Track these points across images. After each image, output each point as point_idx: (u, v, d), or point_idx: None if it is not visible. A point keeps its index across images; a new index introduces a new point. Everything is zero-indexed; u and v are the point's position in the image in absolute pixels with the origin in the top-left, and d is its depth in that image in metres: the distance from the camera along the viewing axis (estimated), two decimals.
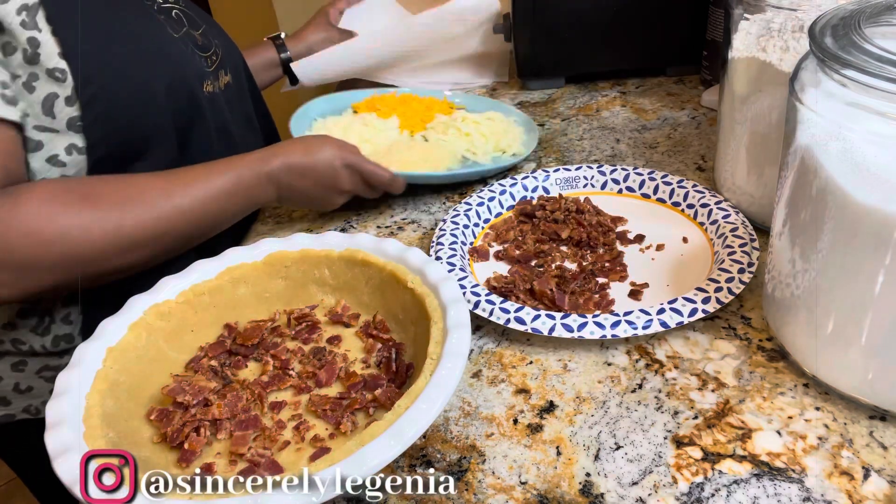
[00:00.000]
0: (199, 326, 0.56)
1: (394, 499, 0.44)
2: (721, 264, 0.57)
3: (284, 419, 0.49)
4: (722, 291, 0.54)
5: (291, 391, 0.51)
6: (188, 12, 0.77)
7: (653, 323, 0.52)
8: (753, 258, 0.57)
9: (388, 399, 0.48)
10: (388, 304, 0.56)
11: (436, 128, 0.86)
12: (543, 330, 0.53)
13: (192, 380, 0.51)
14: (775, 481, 0.42)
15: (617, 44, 0.98)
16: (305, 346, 0.55)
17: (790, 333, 0.49)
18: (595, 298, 0.58)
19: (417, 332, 0.52)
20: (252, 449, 0.46)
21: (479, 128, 0.85)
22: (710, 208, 0.65)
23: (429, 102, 0.95)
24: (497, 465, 0.45)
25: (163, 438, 0.47)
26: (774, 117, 0.58)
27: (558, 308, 0.57)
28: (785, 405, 0.47)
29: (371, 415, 0.49)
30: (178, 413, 0.48)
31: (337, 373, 0.52)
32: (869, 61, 0.38)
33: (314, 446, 0.46)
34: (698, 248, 0.63)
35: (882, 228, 0.39)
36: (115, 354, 0.49)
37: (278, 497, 0.38)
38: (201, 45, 0.75)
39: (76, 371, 0.47)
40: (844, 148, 0.40)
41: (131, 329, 0.51)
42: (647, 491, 0.42)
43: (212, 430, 0.48)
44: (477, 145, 0.82)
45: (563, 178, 0.74)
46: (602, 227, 0.66)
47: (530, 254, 0.65)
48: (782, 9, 0.56)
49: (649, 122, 0.89)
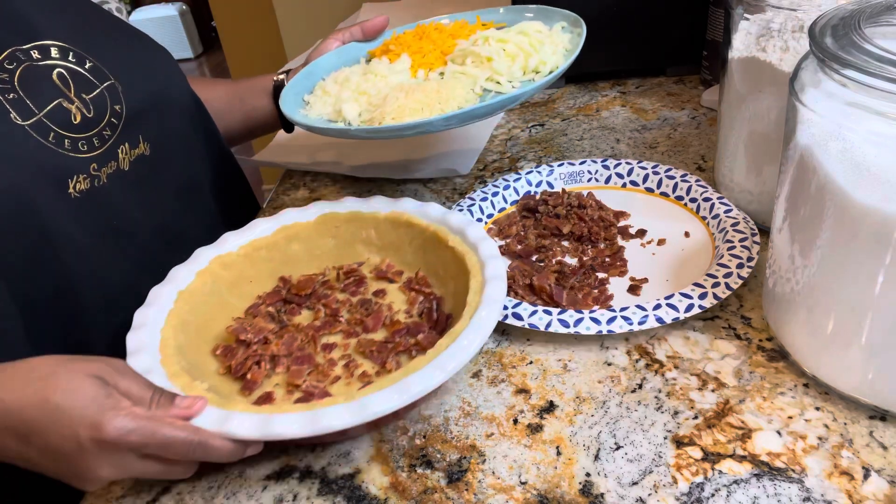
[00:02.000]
0: (256, 278, 0.61)
1: (394, 498, 0.44)
2: (720, 259, 0.57)
3: (335, 358, 0.54)
4: (719, 287, 0.54)
5: (341, 335, 0.57)
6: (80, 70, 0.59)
7: (648, 318, 0.52)
8: (753, 252, 0.57)
9: (429, 343, 0.52)
10: (429, 261, 0.61)
11: (455, 58, 0.70)
12: (540, 326, 0.53)
13: (253, 321, 0.57)
14: (775, 481, 0.42)
15: (617, 44, 0.98)
16: (353, 298, 0.60)
17: (790, 333, 0.49)
18: (594, 294, 0.58)
19: (457, 286, 0.56)
20: (307, 382, 0.51)
21: (503, 47, 0.67)
22: (712, 202, 0.65)
23: (454, 29, 0.76)
24: (497, 465, 0.45)
25: (227, 371, 0.53)
26: (774, 117, 0.58)
27: (556, 304, 0.57)
28: (785, 405, 0.47)
29: (413, 356, 0.52)
30: (241, 349, 0.54)
31: (382, 320, 0.57)
32: (869, 61, 0.38)
33: (362, 381, 0.51)
34: (700, 242, 0.63)
35: (882, 228, 0.39)
36: (185, 297, 0.55)
37: (332, 411, 0.42)
38: (81, 121, 0.57)
39: (152, 309, 0.53)
40: (844, 148, 0.40)
41: (198, 276, 0.57)
42: (647, 491, 0.42)
43: (270, 365, 0.53)
44: (501, 70, 0.66)
45: (567, 173, 0.74)
46: (604, 221, 0.66)
47: (531, 249, 0.65)
48: (782, 9, 0.56)
49: (649, 122, 0.89)
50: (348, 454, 0.48)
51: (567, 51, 0.68)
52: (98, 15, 0.66)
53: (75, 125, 0.57)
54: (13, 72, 0.55)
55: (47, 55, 0.57)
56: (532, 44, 0.68)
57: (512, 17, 0.77)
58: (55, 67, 0.57)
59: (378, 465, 0.47)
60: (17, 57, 0.55)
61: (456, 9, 1.42)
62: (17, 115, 0.53)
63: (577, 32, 0.70)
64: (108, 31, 0.65)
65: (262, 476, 0.47)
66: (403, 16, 1.38)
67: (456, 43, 0.72)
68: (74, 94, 0.58)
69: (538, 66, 0.66)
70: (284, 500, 0.45)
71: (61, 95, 0.57)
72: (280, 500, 0.45)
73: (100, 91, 0.60)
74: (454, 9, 1.42)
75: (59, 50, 0.58)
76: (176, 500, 0.46)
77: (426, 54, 0.72)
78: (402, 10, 1.43)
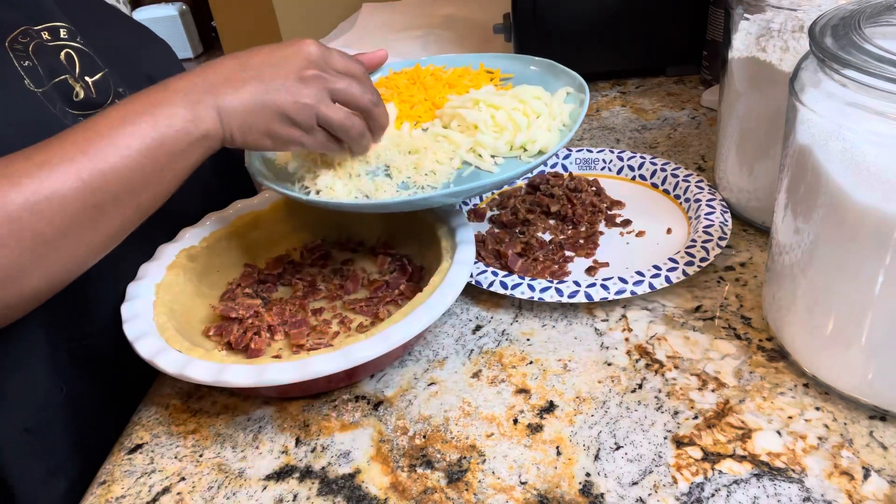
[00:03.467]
0: (223, 267, 0.63)
1: (394, 498, 0.44)
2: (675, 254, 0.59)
3: (328, 318, 0.57)
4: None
5: (325, 300, 0.60)
6: (88, 52, 0.60)
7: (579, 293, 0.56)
8: (711, 255, 0.58)
9: (412, 292, 0.56)
10: (390, 225, 0.64)
11: (444, 115, 0.62)
12: (484, 284, 0.58)
13: (239, 301, 0.59)
14: (775, 481, 0.42)
15: (617, 44, 0.98)
16: (324, 270, 0.64)
17: (790, 333, 0.49)
18: (553, 268, 0.62)
19: (422, 242, 0.60)
20: (309, 341, 0.54)
21: (493, 113, 0.60)
22: (700, 204, 0.66)
23: (451, 77, 0.68)
24: (497, 465, 0.45)
25: (226, 347, 0.55)
26: (774, 117, 0.58)
27: (510, 269, 0.61)
28: (785, 405, 0.47)
29: (400, 305, 0.56)
30: (235, 325, 0.55)
31: (360, 281, 0.61)
32: (869, 61, 0.38)
33: (361, 332, 0.54)
34: (676, 240, 0.64)
35: (882, 228, 0.39)
36: (164, 288, 0.56)
37: (362, 345, 0.46)
38: (83, 99, 0.58)
39: (137, 301, 0.54)
40: (844, 148, 0.40)
41: (169, 269, 0.58)
42: (647, 491, 0.42)
43: (269, 334, 0.55)
44: (485, 143, 0.59)
45: (582, 159, 0.77)
46: (594, 207, 0.69)
47: (517, 221, 0.68)
48: (782, 9, 0.56)
49: (649, 122, 0.89)
50: (348, 454, 0.48)
51: (564, 126, 0.60)
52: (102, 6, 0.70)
53: (76, 102, 0.58)
54: (27, 45, 0.56)
55: (57, 36, 0.59)
56: (527, 113, 0.60)
57: (519, 67, 0.70)
58: (63, 48, 0.58)
59: (378, 465, 0.47)
60: (30, 33, 0.57)
61: (456, 9, 1.42)
62: (30, 81, 0.54)
63: (579, 100, 0.62)
64: (111, 21, 0.68)
65: (262, 476, 0.47)
66: (403, 16, 1.38)
67: (447, 98, 0.64)
68: (79, 75, 0.59)
69: (526, 144, 0.58)
70: (284, 500, 0.45)
71: (68, 73, 0.58)
72: (280, 500, 0.45)
73: (103, 74, 0.61)
74: (454, 10, 1.42)
75: (68, 31, 0.60)
76: (176, 500, 0.46)
77: (415, 105, 0.64)
78: (402, 10, 1.43)
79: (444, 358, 0.55)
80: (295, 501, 0.45)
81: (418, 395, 0.52)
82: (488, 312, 0.59)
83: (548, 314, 0.58)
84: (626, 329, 0.55)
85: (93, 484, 0.48)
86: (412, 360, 0.55)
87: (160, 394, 0.55)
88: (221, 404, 0.53)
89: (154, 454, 0.50)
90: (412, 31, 1.29)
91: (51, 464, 0.54)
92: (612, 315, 0.57)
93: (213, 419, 0.52)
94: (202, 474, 0.48)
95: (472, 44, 1.20)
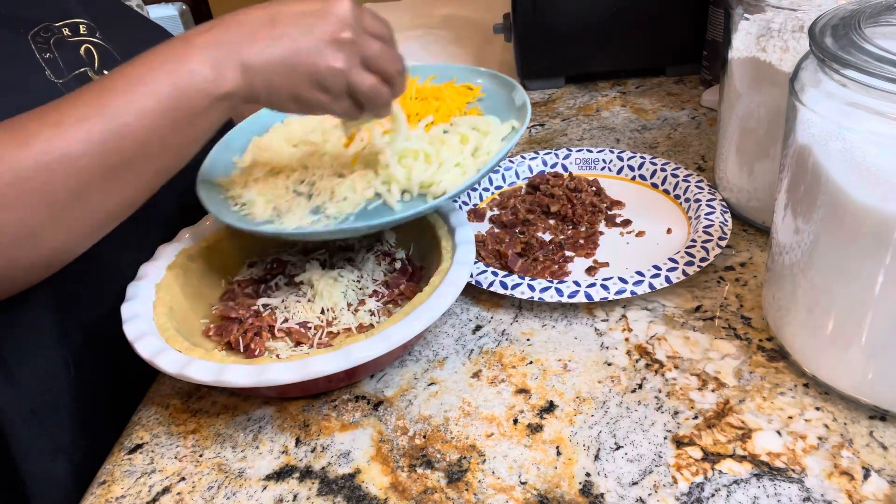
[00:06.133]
0: (223, 267, 0.63)
1: (394, 498, 0.44)
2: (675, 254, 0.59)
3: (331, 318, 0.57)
4: (675, 272, 0.57)
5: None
6: (107, 47, 0.61)
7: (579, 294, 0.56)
8: (711, 255, 0.58)
9: (412, 292, 0.57)
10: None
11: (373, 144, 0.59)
12: (484, 284, 0.58)
13: (238, 301, 0.59)
14: (775, 481, 0.42)
15: (617, 44, 0.98)
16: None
17: (790, 333, 0.49)
18: (553, 268, 0.62)
19: (422, 242, 0.60)
20: (312, 339, 0.54)
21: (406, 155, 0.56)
22: (700, 204, 0.66)
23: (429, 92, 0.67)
24: (497, 465, 0.45)
25: (226, 347, 0.54)
26: (774, 117, 0.58)
27: (509, 269, 0.61)
28: (785, 405, 0.47)
29: (401, 305, 0.56)
30: (235, 325, 0.55)
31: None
32: (869, 61, 0.38)
33: (361, 331, 0.54)
34: (676, 240, 0.64)
35: (882, 228, 0.39)
36: (164, 288, 0.56)
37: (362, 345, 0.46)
38: None
39: (136, 302, 0.53)
40: (844, 148, 0.40)
41: (169, 269, 0.58)
42: (647, 491, 0.42)
43: (269, 334, 0.55)
44: (395, 178, 0.55)
45: (582, 159, 0.77)
46: (594, 207, 0.69)
47: (517, 221, 0.68)
48: (782, 9, 0.56)
49: (649, 122, 0.89)
50: (348, 454, 0.48)
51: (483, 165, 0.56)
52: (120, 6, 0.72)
53: None
54: (48, 38, 0.57)
55: (77, 32, 0.60)
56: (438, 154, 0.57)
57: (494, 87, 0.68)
58: (83, 43, 0.59)
59: (378, 465, 0.47)
60: (52, 29, 0.58)
61: (455, 9, 1.42)
62: (51, 73, 0.55)
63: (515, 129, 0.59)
64: (128, 19, 0.70)
65: (262, 476, 0.47)
66: (403, 16, 1.38)
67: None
68: (98, 68, 0.59)
69: (433, 182, 0.55)
70: (284, 500, 0.45)
71: (87, 66, 0.59)
72: (280, 500, 0.45)
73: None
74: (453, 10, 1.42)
75: (88, 28, 0.61)
76: (176, 500, 0.46)
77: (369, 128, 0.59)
78: (402, 9, 1.43)
79: (444, 358, 0.55)
80: (295, 501, 0.45)
81: (418, 395, 0.52)
82: (488, 312, 0.59)
83: (548, 314, 0.58)
84: (626, 329, 0.55)
85: (93, 484, 0.48)
86: (412, 360, 0.55)
87: (160, 394, 0.55)
88: (221, 404, 0.53)
89: (154, 454, 0.50)
90: (412, 30, 1.29)
91: (56, 444, 0.54)
92: (612, 315, 0.57)
93: (213, 419, 0.52)
94: (202, 474, 0.48)
95: (472, 44, 1.20)
